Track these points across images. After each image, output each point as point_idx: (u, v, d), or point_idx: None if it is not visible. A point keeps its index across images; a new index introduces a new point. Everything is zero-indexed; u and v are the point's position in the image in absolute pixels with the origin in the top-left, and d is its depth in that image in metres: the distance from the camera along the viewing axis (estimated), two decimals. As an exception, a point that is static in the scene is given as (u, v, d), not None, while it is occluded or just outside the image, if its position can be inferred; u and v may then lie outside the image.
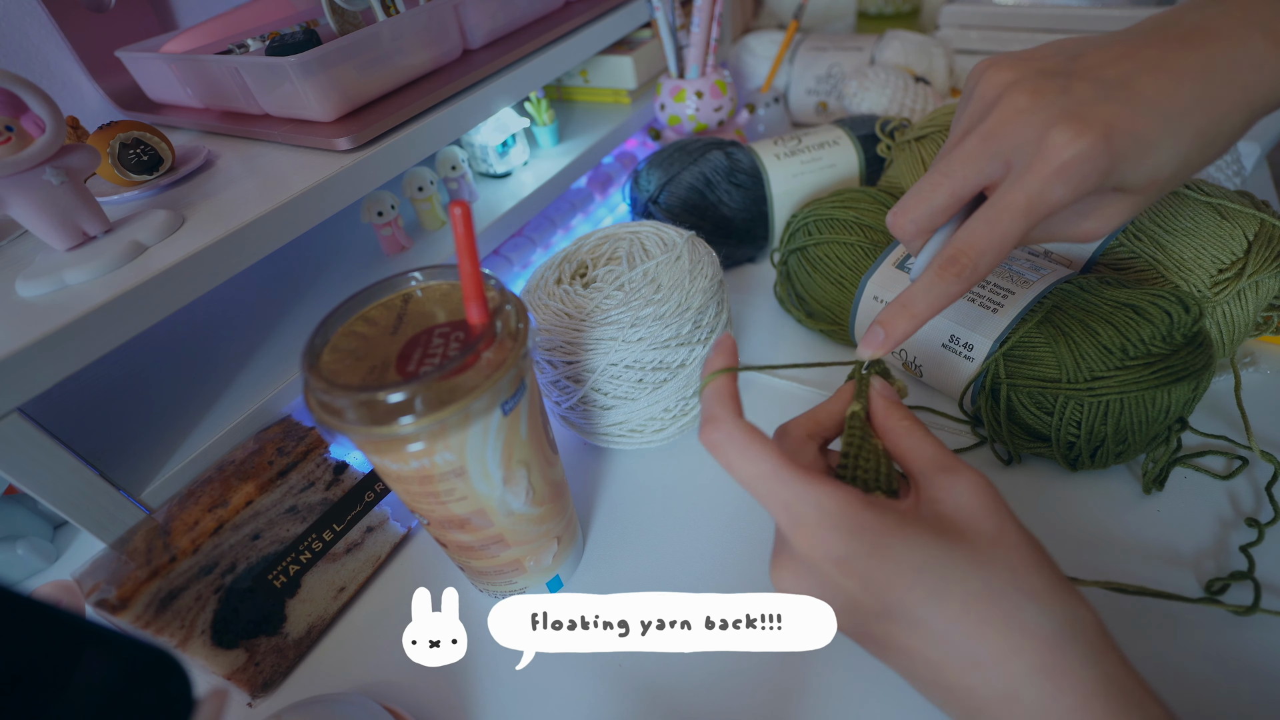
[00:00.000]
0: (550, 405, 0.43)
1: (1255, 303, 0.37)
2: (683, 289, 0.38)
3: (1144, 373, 0.32)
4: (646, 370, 0.39)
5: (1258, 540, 0.32)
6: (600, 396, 0.40)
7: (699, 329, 0.39)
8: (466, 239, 0.26)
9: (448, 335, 0.28)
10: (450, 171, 0.54)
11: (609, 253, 0.44)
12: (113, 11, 0.57)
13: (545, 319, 0.39)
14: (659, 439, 0.42)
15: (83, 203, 0.34)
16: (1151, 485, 0.35)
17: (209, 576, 0.32)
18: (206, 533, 0.32)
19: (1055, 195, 0.24)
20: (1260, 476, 0.36)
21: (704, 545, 0.38)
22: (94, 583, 0.30)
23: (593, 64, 0.67)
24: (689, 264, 0.40)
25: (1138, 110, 0.23)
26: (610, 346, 0.38)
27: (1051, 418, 0.35)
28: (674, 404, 0.41)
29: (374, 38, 0.43)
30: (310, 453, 0.36)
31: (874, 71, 0.65)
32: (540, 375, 0.41)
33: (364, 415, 0.25)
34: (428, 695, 0.34)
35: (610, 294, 0.39)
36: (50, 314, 0.30)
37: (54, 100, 0.31)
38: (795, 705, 0.31)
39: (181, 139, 0.49)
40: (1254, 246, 0.36)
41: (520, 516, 0.31)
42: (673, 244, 0.42)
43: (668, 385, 0.39)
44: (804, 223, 0.47)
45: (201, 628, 0.32)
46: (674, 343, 0.38)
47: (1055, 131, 0.24)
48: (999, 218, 0.25)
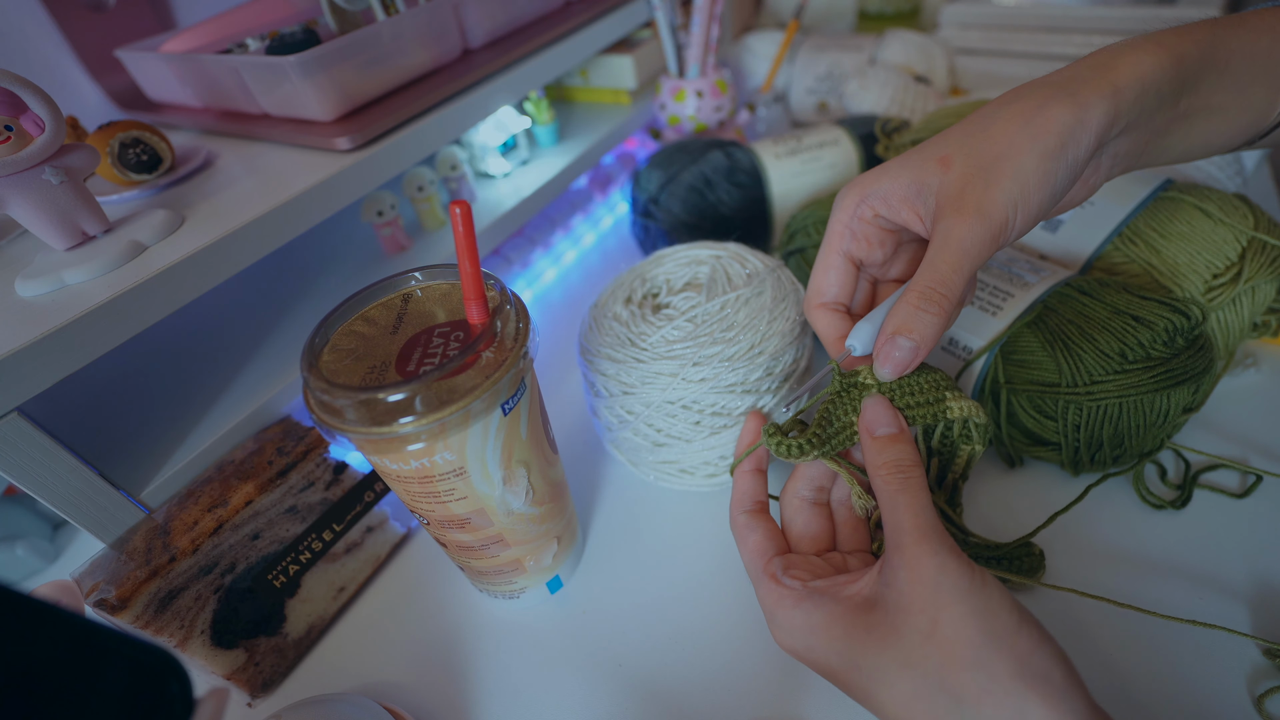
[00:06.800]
0: (600, 430, 0.41)
1: (1251, 308, 0.37)
2: (757, 330, 0.35)
3: (1143, 377, 0.32)
4: (705, 414, 0.35)
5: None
6: (652, 431, 0.37)
7: (770, 376, 0.35)
8: (466, 239, 0.26)
9: (448, 335, 0.28)
10: (450, 171, 0.54)
11: (688, 278, 0.41)
12: (112, 11, 0.57)
13: (606, 340, 0.37)
14: (710, 485, 0.39)
15: (82, 202, 0.34)
16: (1168, 504, 0.35)
17: (209, 576, 0.32)
18: (206, 533, 0.32)
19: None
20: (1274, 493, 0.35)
21: (705, 545, 0.38)
22: (93, 583, 0.30)
23: (593, 64, 0.67)
24: (770, 301, 0.36)
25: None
26: (668, 383, 0.35)
27: (1051, 422, 0.35)
28: (731, 451, 0.37)
29: (374, 37, 0.43)
30: (310, 453, 0.36)
31: (874, 71, 0.65)
32: (594, 399, 0.39)
33: (364, 415, 0.25)
34: (428, 695, 0.34)
35: (679, 324, 0.36)
36: (50, 314, 0.30)
37: (54, 100, 0.31)
38: (795, 705, 0.31)
39: (181, 139, 0.49)
40: (1248, 253, 0.36)
41: (520, 516, 0.31)
42: (757, 274, 0.38)
43: (726, 432, 0.36)
44: (804, 224, 0.47)
45: (201, 628, 0.32)
46: (739, 389, 0.35)
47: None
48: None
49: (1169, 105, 0.26)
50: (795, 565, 0.27)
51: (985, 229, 0.24)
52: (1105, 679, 0.30)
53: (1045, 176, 0.25)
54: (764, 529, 0.29)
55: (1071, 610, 0.32)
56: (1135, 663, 0.30)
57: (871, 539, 0.30)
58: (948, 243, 0.25)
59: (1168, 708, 0.28)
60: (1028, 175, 0.24)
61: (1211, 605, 0.31)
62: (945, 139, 0.27)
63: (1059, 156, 0.24)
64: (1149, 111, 0.26)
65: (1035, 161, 0.24)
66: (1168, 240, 0.37)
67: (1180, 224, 0.37)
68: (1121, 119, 0.25)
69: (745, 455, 0.31)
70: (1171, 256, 0.37)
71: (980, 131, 0.26)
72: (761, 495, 0.30)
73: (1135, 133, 0.26)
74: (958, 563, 0.22)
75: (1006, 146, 0.25)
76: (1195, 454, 0.37)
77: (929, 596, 0.22)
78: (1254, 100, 0.27)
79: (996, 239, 0.25)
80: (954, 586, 0.22)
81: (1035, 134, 0.24)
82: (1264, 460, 0.37)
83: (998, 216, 0.24)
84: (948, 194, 0.25)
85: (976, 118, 0.26)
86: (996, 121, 0.25)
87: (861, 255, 0.29)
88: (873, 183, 0.28)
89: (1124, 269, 0.39)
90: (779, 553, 0.28)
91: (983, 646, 0.21)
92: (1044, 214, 0.26)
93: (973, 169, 0.25)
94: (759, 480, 0.31)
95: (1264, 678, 0.29)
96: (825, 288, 0.30)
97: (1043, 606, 0.32)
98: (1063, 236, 0.41)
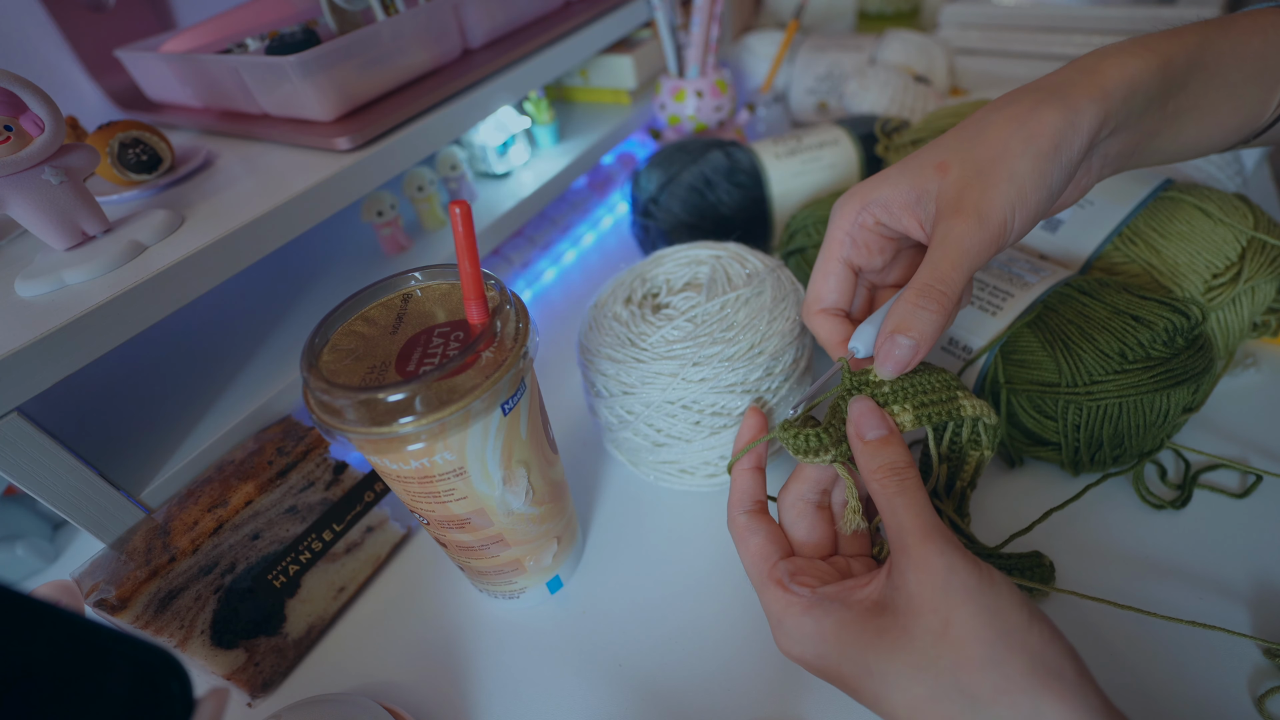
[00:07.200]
0: (600, 430, 0.41)
1: (1251, 308, 0.37)
2: (757, 330, 0.35)
3: (1143, 377, 0.32)
4: (705, 414, 0.35)
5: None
6: (652, 431, 0.37)
7: (770, 376, 0.35)
8: (466, 239, 0.26)
9: (448, 335, 0.28)
10: (450, 171, 0.54)
11: (688, 278, 0.41)
12: (112, 11, 0.57)
13: (606, 340, 0.37)
14: (710, 484, 0.39)
15: (82, 202, 0.34)
16: (1168, 504, 0.35)
17: (208, 576, 0.32)
18: (206, 533, 0.32)
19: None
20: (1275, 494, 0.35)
21: (705, 545, 0.38)
22: (93, 583, 0.30)
23: (593, 64, 0.67)
24: (770, 301, 0.36)
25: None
26: (668, 383, 0.35)
27: (1051, 422, 0.35)
28: (730, 451, 0.37)
29: (374, 37, 0.43)
30: (310, 453, 0.36)
31: (874, 71, 0.65)
32: (594, 399, 0.39)
33: (364, 415, 0.25)
34: (428, 695, 0.34)
35: (679, 324, 0.36)
36: (50, 314, 0.30)
37: (53, 100, 0.31)
38: (795, 705, 0.31)
39: (181, 139, 0.49)
40: (1248, 253, 0.36)
41: (520, 516, 0.31)
42: (756, 274, 0.38)
43: (726, 432, 0.36)
44: (804, 224, 0.47)
45: (201, 628, 0.32)
46: (739, 389, 0.35)
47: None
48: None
49: (1157, 106, 0.26)
50: (801, 571, 0.27)
51: (984, 230, 0.25)
52: (1105, 679, 0.29)
53: (1040, 178, 0.25)
54: (766, 531, 0.28)
55: (1072, 611, 0.32)
56: (1135, 663, 0.30)
57: (872, 543, 0.30)
58: (947, 242, 0.25)
59: (1168, 708, 0.28)
60: (1024, 177, 0.25)
61: (1211, 605, 0.31)
62: (941, 145, 0.27)
63: (1053, 158, 0.25)
64: (1137, 113, 0.26)
65: (1030, 163, 0.25)
66: (1168, 240, 0.37)
67: (1180, 224, 0.37)
68: (1111, 120, 0.25)
69: (746, 450, 0.31)
70: (1171, 256, 0.37)
71: (975, 136, 0.26)
72: (761, 495, 0.30)
73: (1125, 133, 0.26)
74: (965, 561, 0.22)
75: (1001, 150, 0.25)
76: (1195, 454, 0.37)
77: (939, 597, 0.22)
78: (1245, 100, 0.28)
79: (995, 240, 0.25)
80: (963, 585, 0.22)
81: (1029, 137, 0.25)
82: (1264, 460, 0.37)
83: (996, 218, 0.25)
84: (946, 198, 0.26)
85: (970, 123, 0.27)
86: (990, 126, 0.26)
87: (861, 262, 0.30)
88: (873, 190, 0.28)
89: (1124, 269, 0.39)
90: (782, 556, 0.28)
91: (996, 645, 0.21)
92: (1041, 215, 0.26)
93: (970, 173, 0.25)
94: (758, 479, 0.30)
95: (1264, 678, 0.29)
96: (825, 293, 0.30)
97: (1043, 607, 0.32)
98: (1062, 236, 0.41)
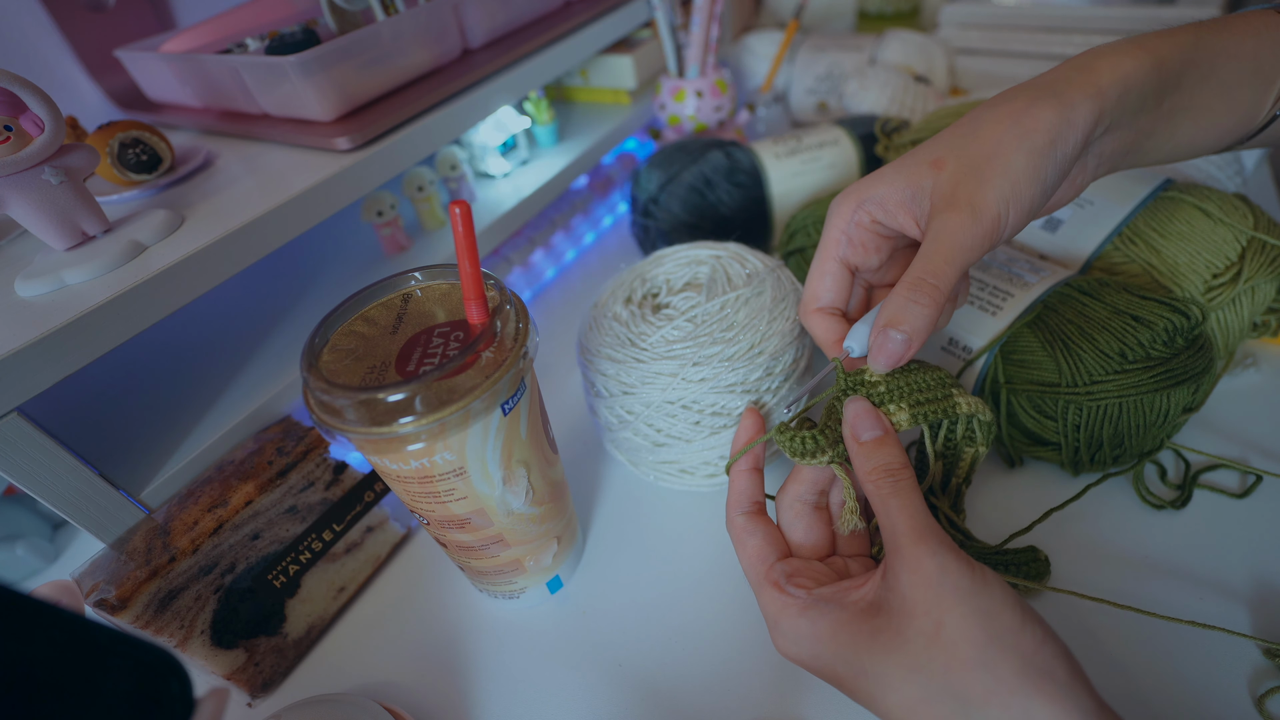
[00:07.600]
0: (600, 430, 0.41)
1: (1251, 308, 0.37)
2: (757, 330, 0.35)
3: (1143, 377, 0.32)
4: (705, 414, 0.35)
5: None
6: (652, 431, 0.37)
7: (770, 376, 0.35)
8: (466, 239, 0.26)
9: (448, 335, 0.28)
10: (450, 171, 0.54)
11: (688, 278, 0.41)
12: (112, 11, 0.57)
13: (606, 340, 0.37)
14: (710, 485, 0.39)
15: (82, 202, 0.34)
16: (1168, 504, 0.35)
17: (208, 576, 0.32)
18: (206, 533, 0.32)
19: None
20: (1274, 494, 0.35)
21: (705, 545, 0.38)
22: (93, 583, 0.30)
23: (593, 64, 0.67)
24: (770, 301, 0.36)
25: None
26: (668, 383, 0.35)
27: (1051, 422, 0.35)
28: (729, 451, 0.36)
29: (374, 37, 0.43)
30: (310, 453, 0.36)
31: (874, 71, 0.65)
32: (594, 399, 0.39)
33: (364, 415, 0.25)
34: (428, 695, 0.34)
35: (679, 324, 0.36)
36: (50, 314, 0.30)
37: (53, 100, 0.31)
38: (795, 705, 0.31)
39: (181, 139, 0.49)
40: (1248, 253, 0.36)
41: (520, 516, 0.31)
42: (756, 274, 0.38)
43: (726, 432, 0.36)
44: (804, 224, 0.47)
45: (201, 628, 0.32)
46: (739, 389, 0.35)
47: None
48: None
49: (1152, 106, 0.26)
50: (799, 572, 0.27)
51: (978, 225, 0.25)
52: (1105, 680, 0.30)
53: (1035, 174, 0.25)
54: (763, 532, 0.29)
55: (1071, 611, 0.32)
56: (1135, 663, 0.30)
57: (871, 543, 0.30)
58: (941, 236, 0.25)
59: (1168, 708, 0.28)
60: (1018, 173, 0.25)
61: (1211, 605, 0.31)
62: (937, 142, 0.27)
63: (1048, 154, 0.25)
64: (1132, 111, 0.26)
65: (1025, 159, 0.25)
66: (1167, 240, 0.37)
67: (1180, 224, 0.37)
68: (1106, 118, 0.25)
69: (744, 451, 0.31)
70: (1171, 256, 0.37)
71: (970, 133, 0.26)
72: (759, 495, 0.30)
73: (1120, 132, 0.27)
74: (958, 562, 0.22)
75: (996, 146, 0.25)
76: (1195, 454, 0.37)
77: (932, 598, 0.22)
78: (1240, 101, 0.28)
79: (989, 235, 0.25)
80: (956, 586, 0.22)
81: (1023, 133, 0.25)
82: (1264, 460, 0.37)
83: (990, 213, 0.25)
84: (941, 193, 0.26)
85: (966, 121, 0.27)
86: (985, 123, 0.26)
87: (857, 261, 0.30)
88: (869, 189, 0.28)
89: (1124, 269, 0.39)
90: (780, 557, 0.28)
91: (987, 646, 0.21)
92: (1035, 212, 0.26)
93: (964, 169, 0.25)
94: (756, 479, 0.31)
95: (1264, 678, 0.29)
96: (821, 293, 0.30)
97: (1042, 607, 0.32)
98: (1062, 236, 0.41)
